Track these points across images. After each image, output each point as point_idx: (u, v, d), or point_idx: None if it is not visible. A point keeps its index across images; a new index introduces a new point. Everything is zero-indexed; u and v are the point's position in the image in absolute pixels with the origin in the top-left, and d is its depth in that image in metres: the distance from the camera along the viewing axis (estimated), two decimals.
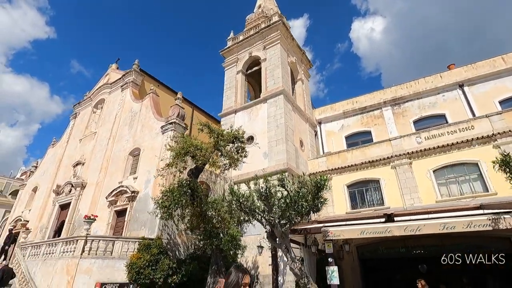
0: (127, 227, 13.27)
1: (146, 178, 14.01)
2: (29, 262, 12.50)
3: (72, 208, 16.85)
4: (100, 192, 15.99)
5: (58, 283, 10.37)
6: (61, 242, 11.56)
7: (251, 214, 7.62)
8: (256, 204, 7.28)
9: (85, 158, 18.83)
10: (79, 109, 23.25)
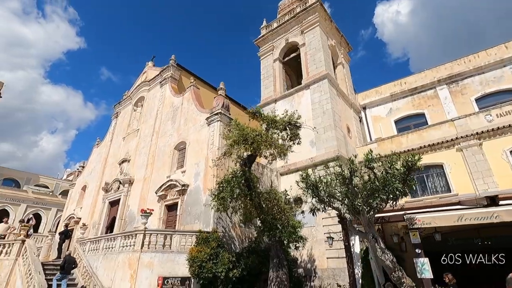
0: (179, 221, 13.10)
1: (195, 171, 13.74)
2: (90, 256, 12.72)
3: (122, 204, 17.13)
4: (148, 187, 16.05)
5: (121, 276, 10.34)
6: (120, 237, 11.58)
7: (327, 201, 6.86)
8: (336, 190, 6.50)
9: (130, 155, 19.09)
10: (119, 108, 23.74)
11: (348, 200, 6.24)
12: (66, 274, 10.68)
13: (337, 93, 17.99)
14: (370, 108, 20.55)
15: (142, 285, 9.88)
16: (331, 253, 13.06)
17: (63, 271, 10.62)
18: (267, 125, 10.67)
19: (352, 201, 6.13)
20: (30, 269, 10.53)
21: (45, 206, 28.71)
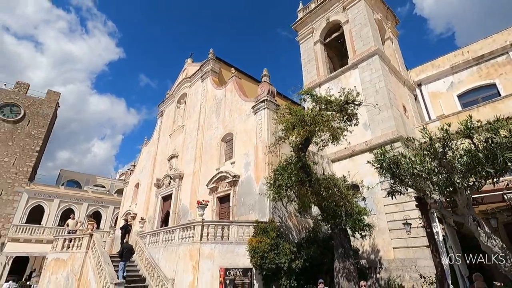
0: (233, 212, 12.92)
1: (245, 161, 13.43)
2: (151, 249, 13.11)
3: (174, 199, 17.55)
4: (198, 181, 16.18)
5: (183, 268, 10.40)
6: (178, 229, 11.70)
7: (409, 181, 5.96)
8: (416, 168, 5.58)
9: (178, 151, 19.49)
10: (163, 107, 24.44)
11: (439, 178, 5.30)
12: (126, 261, 11.18)
13: (389, 70, 16.46)
14: (427, 84, 18.58)
15: (204, 276, 9.81)
16: (399, 243, 11.97)
17: (123, 259, 11.14)
18: (321, 107, 9.88)
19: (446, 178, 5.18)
20: (100, 261, 11.06)
21: (103, 204, 30.88)
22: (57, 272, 12.57)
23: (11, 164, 27.27)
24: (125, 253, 11.30)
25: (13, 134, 28.24)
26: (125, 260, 11.20)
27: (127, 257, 11.42)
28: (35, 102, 30.59)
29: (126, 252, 11.35)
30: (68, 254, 12.71)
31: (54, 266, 12.83)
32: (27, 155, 28.34)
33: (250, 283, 9.58)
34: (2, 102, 28.57)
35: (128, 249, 11.57)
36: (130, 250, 11.68)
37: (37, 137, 29.53)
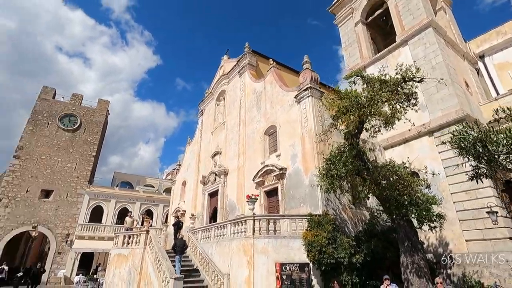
0: (283, 206, 12.56)
1: (291, 153, 12.96)
2: (203, 244, 13.33)
3: (220, 195, 17.73)
4: (243, 176, 16.10)
5: (238, 263, 10.32)
6: (229, 224, 11.68)
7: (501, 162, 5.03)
8: None
9: (221, 148, 19.65)
10: (203, 106, 24.88)
11: None
12: (180, 254, 11.61)
13: (446, 43, 14.72)
14: (491, 55, 16.33)
15: (260, 271, 9.61)
16: (472, 235, 10.63)
17: (177, 253, 11.59)
18: (375, 87, 9.01)
19: None
20: (158, 256, 11.45)
21: (154, 203, 32.66)
22: (120, 266, 13.35)
23: (73, 169, 29.99)
24: (178, 248, 11.73)
25: (73, 142, 30.99)
26: (179, 254, 11.61)
27: (181, 251, 11.80)
28: (88, 111, 33.23)
29: (179, 247, 11.79)
30: (129, 250, 13.42)
31: (117, 261, 13.66)
32: (85, 160, 30.94)
33: (307, 279, 9.15)
34: (62, 114, 31.48)
35: (181, 244, 11.96)
36: (183, 245, 12.06)
37: (93, 143, 32.07)
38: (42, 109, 30.75)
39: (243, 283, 9.80)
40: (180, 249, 11.87)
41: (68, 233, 27.62)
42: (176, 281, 9.30)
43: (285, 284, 9.11)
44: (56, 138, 30.26)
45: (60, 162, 29.56)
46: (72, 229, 27.88)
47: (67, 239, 27.41)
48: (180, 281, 9.38)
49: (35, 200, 27.40)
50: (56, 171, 29.07)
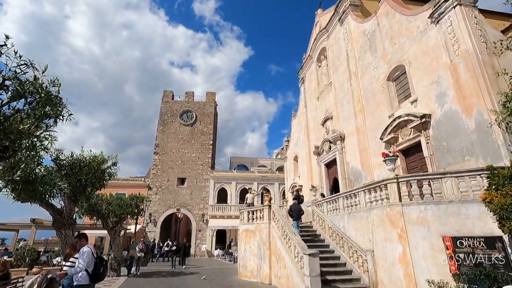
0: (432, 164, 9.46)
1: (437, 92, 9.56)
2: (331, 217, 11.74)
3: (340, 163, 15.61)
4: (365, 137, 13.46)
5: (384, 237, 8.19)
6: (362, 192, 9.58)
7: None
8: None
9: (331, 112, 17.35)
10: (303, 73, 22.89)
11: None
12: (297, 220, 11.90)
13: None
14: None
15: (419, 247, 7.21)
16: None
17: (294, 219, 11.99)
18: None
19: None
20: (285, 231, 10.56)
21: (269, 182, 33.45)
22: (249, 241, 13.32)
23: (197, 158, 33.71)
24: (294, 213, 11.96)
25: (193, 134, 34.78)
26: (296, 220, 11.86)
27: (297, 216, 11.95)
28: (200, 105, 36.53)
29: (295, 211, 11.98)
30: (255, 225, 13.22)
31: (245, 236, 13.73)
32: (205, 149, 34.29)
33: (506, 259, 6.17)
34: (181, 111, 35.68)
35: (297, 209, 12.05)
36: (299, 210, 12.05)
37: (208, 133, 35.17)
38: (165, 110, 35.62)
39: (396, 262, 7.65)
40: (296, 214, 11.93)
41: (203, 213, 31.41)
42: (311, 258, 8.02)
43: (467, 266, 6.44)
44: (180, 133, 34.60)
45: (186, 153, 33.71)
46: (205, 209, 31.53)
47: (203, 218, 31.21)
48: (315, 258, 8.06)
49: (175, 187, 32.22)
50: (185, 161, 33.35)
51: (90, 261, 5.05)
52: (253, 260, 12.74)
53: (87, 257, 4.94)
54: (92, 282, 5.04)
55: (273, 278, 11.15)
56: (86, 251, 5.00)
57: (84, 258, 4.91)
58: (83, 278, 4.91)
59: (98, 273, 5.09)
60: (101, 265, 5.19)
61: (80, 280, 4.90)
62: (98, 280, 5.14)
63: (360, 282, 8.83)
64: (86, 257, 4.93)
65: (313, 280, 7.76)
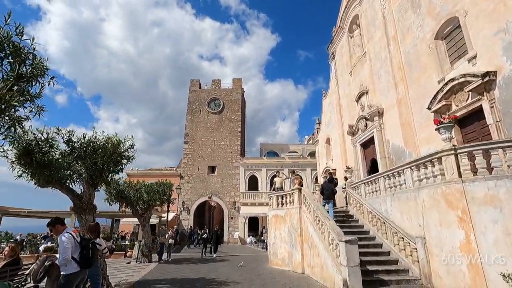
0: (500, 132, 7.67)
1: (504, 43, 7.64)
2: (370, 200, 10.40)
3: (378, 142, 13.96)
4: (408, 108, 11.70)
5: (438, 221, 6.79)
6: (408, 169, 8.12)
7: None
8: None
9: (366, 85, 15.57)
10: (333, 47, 21.00)
11: None
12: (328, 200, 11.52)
13: None
14: None
15: (489, 232, 5.74)
16: None
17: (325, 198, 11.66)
18: None
19: None
20: (317, 215, 9.48)
21: (301, 167, 32.14)
22: (279, 228, 12.45)
23: (226, 146, 33.37)
24: (326, 192, 11.63)
25: (221, 122, 34.41)
26: (326, 200, 11.45)
27: (329, 196, 11.53)
28: (227, 92, 35.93)
29: (327, 191, 11.65)
30: (284, 211, 12.29)
31: (275, 222, 12.87)
32: (234, 136, 33.80)
33: None
34: (208, 99, 35.40)
35: (329, 188, 11.68)
36: (331, 189, 11.69)
37: (236, 120, 34.56)
38: (193, 99, 35.56)
39: (457, 251, 6.24)
40: (328, 193, 11.50)
41: (234, 201, 31.19)
42: (348, 245, 6.89)
43: None
44: (208, 121, 34.41)
45: (215, 141, 33.50)
46: (237, 197, 31.26)
47: (234, 206, 31.00)
48: (353, 245, 6.92)
49: (206, 176, 32.29)
50: (214, 149, 33.19)
51: (74, 247, 4.44)
52: (284, 247, 11.87)
53: (66, 246, 4.31)
54: (83, 268, 4.44)
55: (306, 267, 10.20)
56: (63, 240, 4.35)
57: (63, 249, 4.28)
58: (70, 266, 4.32)
59: (88, 256, 4.47)
60: (88, 248, 4.55)
61: (67, 268, 4.31)
62: (89, 264, 4.52)
63: (409, 274, 7.54)
64: (65, 247, 4.29)
65: (352, 271, 6.65)
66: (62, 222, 4.77)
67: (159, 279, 9.62)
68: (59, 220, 4.77)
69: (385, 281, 7.18)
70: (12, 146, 6.77)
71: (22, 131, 6.80)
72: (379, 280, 7.18)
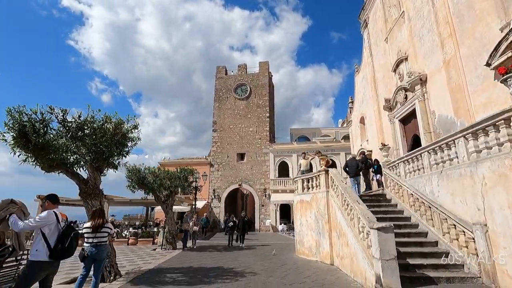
0: None
1: None
2: (410, 181, 8.75)
3: (421, 114, 11.91)
4: (459, 69, 9.59)
5: (507, 202, 5.12)
6: (461, 138, 6.39)
7: None
8: None
9: (405, 50, 13.39)
10: (365, 14, 18.64)
11: None
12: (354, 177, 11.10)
13: None
14: None
15: None
16: None
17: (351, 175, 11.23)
18: None
19: None
20: (346, 199, 8.13)
21: (334, 152, 30.17)
22: (305, 214, 11.26)
23: (255, 132, 32.47)
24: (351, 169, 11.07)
25: (248, 108, 33.48)
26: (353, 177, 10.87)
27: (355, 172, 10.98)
28: (254, 77, 34.76)
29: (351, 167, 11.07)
30: (310, 195, 11.04)
31: (301, 208, 11.71)
32: (262, 122, 32.74)
33: None
34: (235, 85, 34.59)
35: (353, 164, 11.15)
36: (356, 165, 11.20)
37: (264, 105, 33.37)
38: (220, 86, 35.01)
39: None
40: (353, 170, 10.89)
41: (264, 188, 30.40)
42: (382, 233, 5.54)
43: None
44: (235, 108, 33.70)
45: (244, 128, 32.75)
46: (267, 184, 30.42)
47: (265, 193, 30.22)
48: (388, 233, 5.54)
49: (235, 163, 31.84)
50: (243, 136, 32.50)
51: (52, 231, 3.76)
52: (311, 235, 10.69)
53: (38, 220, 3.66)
54: (54, 259, 3.76)
55: (335, 258, 8.97)
56: (41, 215, 3.71)
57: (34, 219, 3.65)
58: (40, 252, 3.65)
59: (64, 247, 3.76)
60: (67, 237, 3.83)
61: (36, 254, 3.64)
62: (62, 256, 3.81)
63: (463, 270, 5.97)
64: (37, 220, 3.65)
65: (386, 265, 5.32)
66: (54, 200, 4.18)
67: (174, 268, 9.08)
68: (53, 197, 4.18)
69: (432, 278, 5.73)
70: (9, 129, 6.44)
71: (17, 114, 6.45)
72: (424, 277, 5.75)
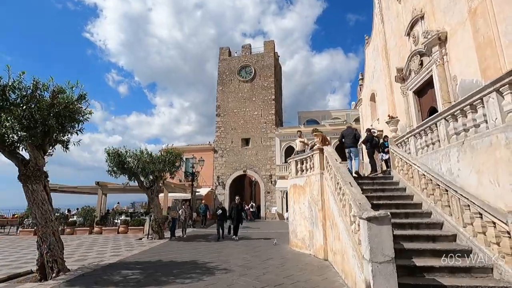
0: None
1: None
2: (424, 158, 6.97)
3: (440, 81, 9.88)
4: (489, 20, 7.51)
5: None
6: (493, 93, 4.56)
7: None
8: None
9: (421, 7, 11.21)
10: None
11: None
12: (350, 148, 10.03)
13: None
14: None
15: None
16: None
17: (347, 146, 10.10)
18: None
19: None
20: (338, 181, 6.51)
21: None
22: (298, 200, 9.74)
23: (260, 115, 30.80)
24: (346, 139, 10.12)
25: (253, 91, 31.71)
26: (349, 147, 9.90)
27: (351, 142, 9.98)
28: (258, 57, 32.78)
29: (347, 137, 10.05)
30: (304, 179, 9.48)
31: (294, 193, 10.18)
32: (267, 105, 30.96)
33: None
34: (238, 67, 32.80)
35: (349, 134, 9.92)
36: (353, 135, 9.91)
37: (269, 87, 31.48)
38: (223, 69, 33.31)
39: None
40: (349, 140, 9.77)
41: (270, 174, 28.96)
42: (373, 225, 3.93)
43: None
44: (239, 91, 32.02)
45: (248, 112, 31.13)
46: (273, 170, 28.96)
47: (271, 180, 28.79)
48: (382, 225, 3.93)
49: (239, 148, 30.44)
50: (247, 120, 30.93)
51: None
52: (304, 225, 9.20)
53: None
54: None
55: (329, 252, 7.48)
56: None
57: None
58: None
59: None
60: None
61: None
62: None
63: (493, 276, 4.30)
64: None
65: (379, 270, 3.74)
66: None
67: (138, 262, 7.88)
68: None
69: (446, 287, 4.10)
70: None
71: None
72: (435, 286, 4.12)
